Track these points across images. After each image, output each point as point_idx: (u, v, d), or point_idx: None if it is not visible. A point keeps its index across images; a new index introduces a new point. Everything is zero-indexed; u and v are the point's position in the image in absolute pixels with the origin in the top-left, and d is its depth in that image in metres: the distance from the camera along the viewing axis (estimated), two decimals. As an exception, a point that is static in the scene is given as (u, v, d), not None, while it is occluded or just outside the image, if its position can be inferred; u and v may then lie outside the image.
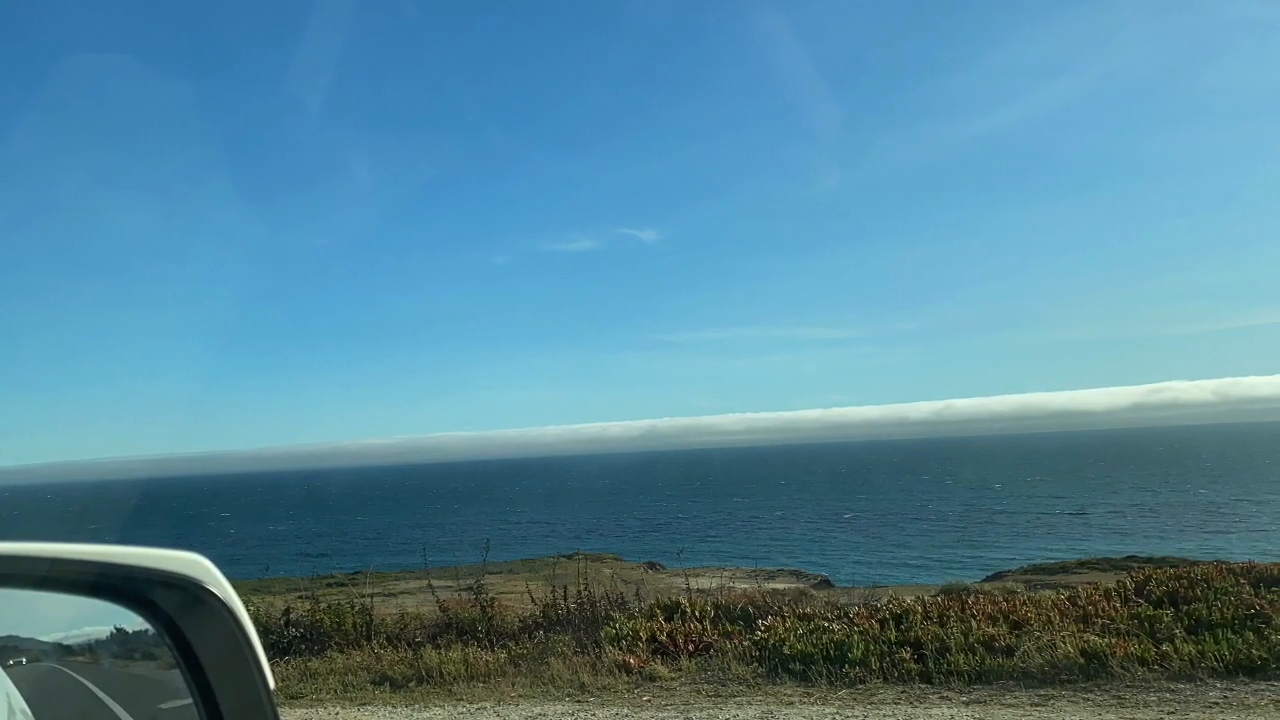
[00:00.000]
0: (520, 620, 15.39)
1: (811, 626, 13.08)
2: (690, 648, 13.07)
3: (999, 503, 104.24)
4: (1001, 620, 12.54)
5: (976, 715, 10.13)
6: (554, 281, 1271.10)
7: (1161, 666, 10.78)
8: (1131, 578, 14.92)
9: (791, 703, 10.95)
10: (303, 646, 15.07)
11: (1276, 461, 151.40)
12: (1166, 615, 12.21)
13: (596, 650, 13.04)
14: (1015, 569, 41.33)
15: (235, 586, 2.28)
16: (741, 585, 20.02)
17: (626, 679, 12.20)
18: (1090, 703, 10.20)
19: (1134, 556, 41.68)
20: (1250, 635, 11.16)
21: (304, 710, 11.96)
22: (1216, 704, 9.81)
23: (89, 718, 2.54)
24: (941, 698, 10.78)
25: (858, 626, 12.91)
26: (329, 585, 30.24)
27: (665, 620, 14.06)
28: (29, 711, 2.32)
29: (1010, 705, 10.34)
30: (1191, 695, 10.12)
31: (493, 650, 13.83)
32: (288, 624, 15.65)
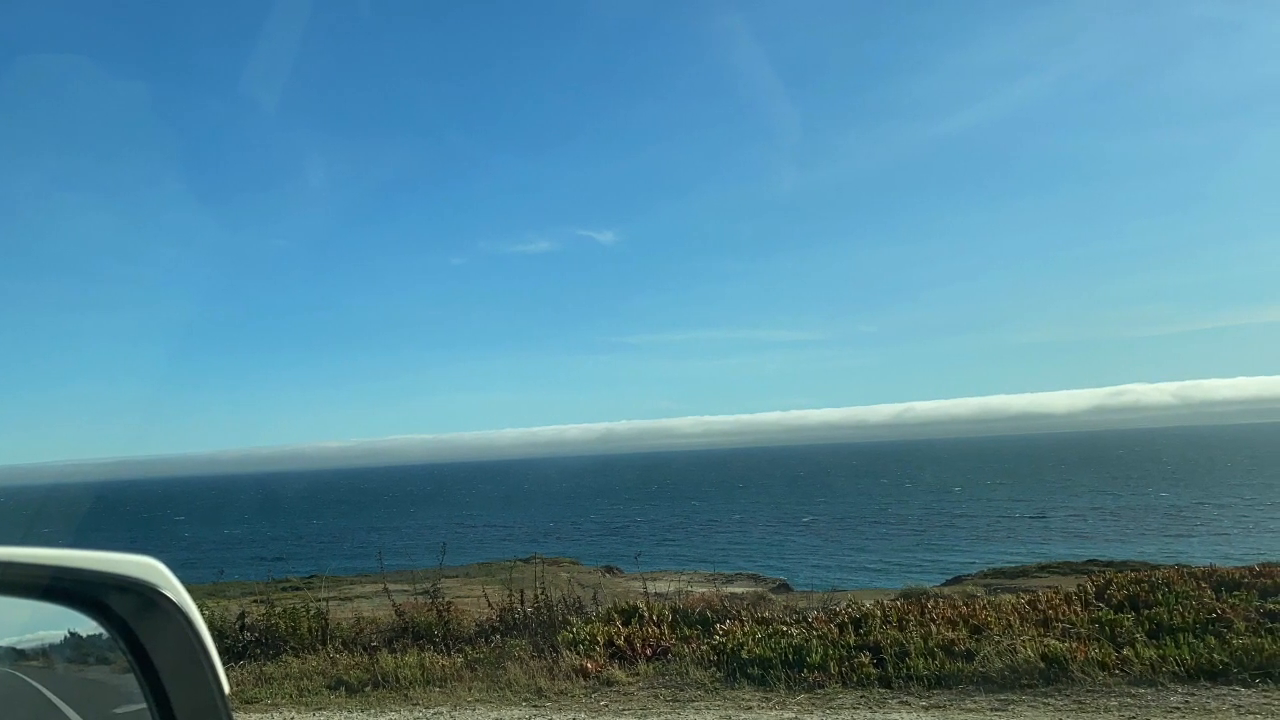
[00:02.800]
0: (477, 624, 15.30)
1: (770, 631, 13.06)
2: (648, 652, 13.02)
3: (959, 506, 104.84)
4: (961, 624, 12.56)
5: None
6: (511, 283, 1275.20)
7: (1122, 671, 10.83)
8: (1092, 581, 15.00)
9: (750, 707, 10.92)
10: (258, 651, 14.93)
11: (1238, 464, 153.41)
12: (1127, 619, 12.26)
13: (554, 655, 12.97)
14: (975, 573, 41.48)
15: (190, 590, 2.28)
16: (700, 589, 20.06)
17: (584, 684, 12.15)
18: (1051, 707, 10.22)
19: (1095, 560, 42.08)
20: (1212, 640, 11.21)
21: (259, 715, 11.83)
22: (1178, 709, 9.85)
23: None
24: (901, 702, 10.78)
25: (816, 631, 12.90)
26: (284, 589, 30.12)
27: (623, 624, 14.00)
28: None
29: (970, 710, 10.35)
30: (1153, 700, 10.15)
31: (449, 655, 13.73)
32: (243, 628, 15.49)
